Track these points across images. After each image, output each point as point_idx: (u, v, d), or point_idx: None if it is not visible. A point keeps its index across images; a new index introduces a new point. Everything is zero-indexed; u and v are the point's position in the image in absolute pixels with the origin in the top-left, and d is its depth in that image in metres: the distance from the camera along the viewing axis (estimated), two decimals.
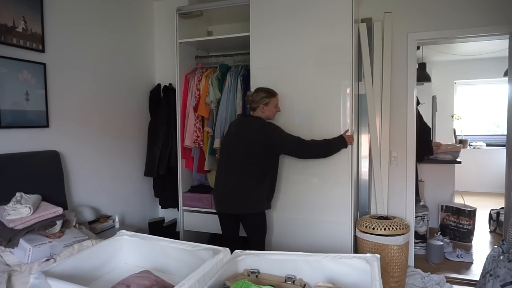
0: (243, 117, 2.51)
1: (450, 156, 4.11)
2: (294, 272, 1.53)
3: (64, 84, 2.65)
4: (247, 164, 2.35)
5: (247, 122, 2.45)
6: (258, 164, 2.35)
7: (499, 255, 2.28)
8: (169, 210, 3.59)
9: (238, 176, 2.35)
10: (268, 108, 2.41)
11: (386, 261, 2.47)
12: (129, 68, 3.33)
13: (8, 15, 2.23)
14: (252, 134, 2.36)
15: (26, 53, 2.35)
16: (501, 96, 6.32)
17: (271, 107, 2.43)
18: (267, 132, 2.35)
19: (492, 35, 2.83)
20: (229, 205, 2.41)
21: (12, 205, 1.93)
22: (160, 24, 3.66)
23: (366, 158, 2.94)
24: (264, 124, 2.38)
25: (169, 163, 3.33)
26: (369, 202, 2.99)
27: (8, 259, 1.82)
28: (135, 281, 1.43)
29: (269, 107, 2.42)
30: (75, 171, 2.75)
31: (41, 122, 2.46)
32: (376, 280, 1.31)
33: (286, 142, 2.35)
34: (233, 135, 2.47)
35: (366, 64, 2.89)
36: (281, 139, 2.35)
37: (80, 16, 2.78)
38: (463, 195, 4.31)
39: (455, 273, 2.99)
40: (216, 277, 1.37)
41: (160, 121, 3.38)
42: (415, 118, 3.01)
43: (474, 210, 3.75)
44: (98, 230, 2.67)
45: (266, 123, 2.40)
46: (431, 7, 2.88)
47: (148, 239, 1.81)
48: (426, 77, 4.93)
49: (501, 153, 5.63)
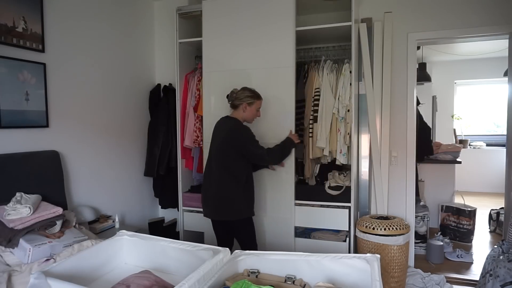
0: (222, 118, 2.49)
1: (450, 156, 4.11)
2: (294, 272, 1.53)
3: (64, 84, 2.65)
4: (220, 166, 2.34)
5: (223, 122, 2.44)
6: (228, 167, 2.32)
7: (499, 255, 2.28)
8: (169, 210, 3.59)
9: (215, 180, 2.35)
10: (250, 108, 2.39)
11: (386, 261, 2.47)
12: (129, 68, 3.33)
13: (8, 15, 2.23)
14: (223, 134, 2.36)
15: (26, 53, 2.35)
16: (501, 96, 6.32)
17: (253, 109, 2.40)
18: (237, 132, 2.33)
19: (492, 35, 2.83)
20: (211, 211, 2.41)
21: (12, 205, 1.93)
22: (160, 24, 3.66)
23: (366, 158, 2.93)
24: (237, 125, 2.36)
25: (169, 163, 3.33)
26: (369, 202, 2.98)
27: (8, 259, 1.82)
28: (135, 281, 1.43)
29: (251, 108, 2.39)
30: (75, 171, 2.75)
31: (41, 122, 2.46)
32: (376, 280, 1.31)
33: (254, 146, 2.33)
34: (213, 136, 2.48)
35: (366, 64, 2.89)
36: (250, 142, 2.33)
37: (80, 16, 2.78)
38: (463, 195, 4.31)
39: (455, 273, 2.99)
40: (216, 277, 1.37)
41: (160, 121, 3.38)
42: (415, 118, 3.01)
43: (474, 210, 3.75)
44: (98, 230, 2.66)
45: (239, 124, 2.37)
46: (431, 7, 2.88)
47: (148, 239, 1.81)
48: (426, 77, 4.93)
49: (501, 153, 5.63)
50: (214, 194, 2.36)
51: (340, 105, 2.65)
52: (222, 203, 2.34)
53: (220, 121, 2.48)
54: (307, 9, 3.02)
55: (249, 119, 2.43)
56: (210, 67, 2.88)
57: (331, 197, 2.67)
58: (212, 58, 2.87)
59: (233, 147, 2.31)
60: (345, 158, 2.68)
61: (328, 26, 2.61)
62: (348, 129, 2.65)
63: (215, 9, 2.84)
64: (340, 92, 2.64)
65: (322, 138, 2.67)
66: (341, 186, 2.66)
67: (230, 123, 2.38)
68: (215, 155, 2.38)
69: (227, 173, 2.32)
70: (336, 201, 2.66)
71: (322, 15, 3.08)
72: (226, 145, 2.33)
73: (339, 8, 2.94)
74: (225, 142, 2.33)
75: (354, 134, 2.65)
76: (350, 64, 2.64)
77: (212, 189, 2.37)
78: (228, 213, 2.34)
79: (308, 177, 2.88)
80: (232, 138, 2.32)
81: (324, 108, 2.68)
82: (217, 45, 2.85)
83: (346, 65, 2.67)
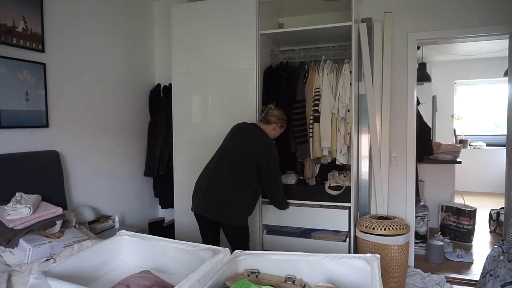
0: (248, 123, 2.49)
1: (450, 156, 4.11)
2: (294, 272, 1.53)
3: (64, 84, 2.65)
4: (233, 168, 2.28)
5: (250, 129, 2.43)
6: (241, 171, 2.28)
7: (499, 255, 2.28)
8: (169, 210, 3.59)
9: (222, 179, 2.27)
10: (279, 131, 2.46)
11: (386, 261, 2.47)
12: (129, 68, 3.33)
13: (8, 15, 2.23)
14: (252, 141, 2.33)
15: (26, 53, 2.35)
16: (501, 96, 6.32)
17: (278, 132, 2.47)
18: (269, 149, 2.33)
19: (492, 35, 2.83)
20: (206, 206, 2.29)
21: (12, 205, 1.93)
22: (160, 24, 3.66)
23: (366, 158, 2.93)
24: (269, 140, 2.38)
25: (169, 163, 3.33)
26: (369, 202, 2.98)
27: (8, 259, 1.82)
28: (135, 281, 1.43)
29: (279, 131, 2.47)
30: (75, 171, 2.75)
31: (41, 122, 2.46)
32: (376, 280, 1.31)
33: (278, 175, 2.38)
34: (231, 138, 2.43)
35: (366, 64, 2.89)
36: (276, 169, 2.34)
37: (80, 16, 2.78)
38: (463, 195, 4.30)
39: (455, 273, 3.00)
40: (216, 277, 1.37)
41: (160, 121, 3.38)
42: (415, 118, 3.01)
43: (474, 210, 3.75)
44: (98, 230, 2.66)
45: (271, 141, 2.40)
46: (431, 7, 2.88)
47: (148, 239, 1.81)
48: (426, 77, 4.93)
49: (501, 153, 5.64)
50: (215, 192, 2.27)
51: (340, 105, 2.65)
52: (222, 204, 2.26)
53: (245, 125, 2.47)
54: (307, 9, 3.03)
55: (271, 137, 2.46)
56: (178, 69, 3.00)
57: (331, 197, 2.67)
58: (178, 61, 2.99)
59: (258, 160, 2.28)
60: (345, 158, 2.68)
61: (328, 26, 2.62)
62: (348, 129, 2.65)
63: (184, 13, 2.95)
64: (340, 92, 2.64)
65: (326, 138, 2.67)
66: (341, 186, 2.66)
67: (262, 134, 2.38)
68: (233, 156, 2.31)
69: (238, 177, 2.27)
70: (336, 201, 2.66)
71: (322, 15, 3.10)
72: (250, 151, 2.30)
73: (339, 8, 2.95)
74: (251, 149, 2.30)
75: (354, 134, 2.64)
76: (350, 64, 2.64)
77: (212, 186, 2.28)
78: (226, 217, 2.26)
79: (308, 177, 2.88)
80: (260, 150, 2.30)
81: (324, 108, 2.68)
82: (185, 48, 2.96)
83: (346, 65, 2.67)
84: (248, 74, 2.78)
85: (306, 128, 2.73)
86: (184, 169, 2.98)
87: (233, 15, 2.80)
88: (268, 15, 2.98)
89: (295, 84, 2.77)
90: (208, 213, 2.29)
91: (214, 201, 2.28)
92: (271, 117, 2.41)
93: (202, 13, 2.88)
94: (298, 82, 2.77)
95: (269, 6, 2.89)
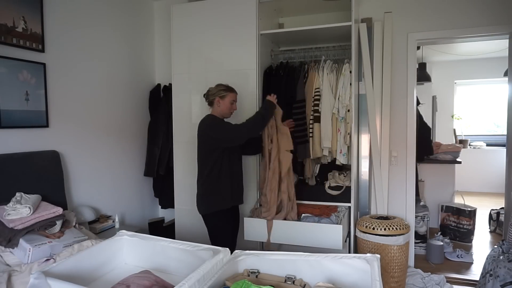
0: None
1: (450, 156, 4.11)
2: (294, 272, 1.53)
3: (64, 84, 2.65)
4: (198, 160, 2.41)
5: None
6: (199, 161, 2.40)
7: (499, 255, 2.28)
8: (169, 210, 3.59)
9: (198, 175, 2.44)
10: (223, 102, 2.37)
11: (386, 261, 2.47)
12: (129, 68, 3.33)
13: (8, 15, 2.23)
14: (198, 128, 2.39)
15: (26, 53, 2.35)
16: (501, 96, 6.31)
17: (227, 102, 2.38)
18: (202, 123, 2.36)
19: (492, 35, 2.83)
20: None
21: (12, 205, 1.93)
22: (160, 24, 3.66)
23: (366, 158, 2.93)
24: (204, 118, 2.38)
25: (169, 163, 3.33)
26: (369, 202, 2.98)
27: (8, 259, 1.82)
28: (135, 281, 1.43)
29: (225, 101, 2.38)
30: (75, 171, 2.75)
31: (41, 122, 2.46)
32: (376, 280, 1.31)
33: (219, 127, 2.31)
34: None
35: (366, 64, 2.89)
36: (214, 126, 2.32)
37: (80, 16, 2.78)
38: (463, 195, 4.30)
39: (455, 273, 3.00)
40: (216, 277, 1.37)
41: (160, 121, 3.38)
42: (415, 118, 3.01)
43: (474, 210, 3.75)
44: (98, 230, 2.67)
45: (206, 117, 2.39)
46: (431, 7, 2.88)
47: (148, 239, 1.81)
48: (426, 77, 4.92)
49: (501, 153, 5.63)
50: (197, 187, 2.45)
51: (340, 105, 2.65)
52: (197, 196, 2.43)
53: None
54: (307, 9, 3.03)
55: (225, 112, 2.41)
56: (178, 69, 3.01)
57: (331, 197, 2.67)
58: (178, 61, 3.00)
59: (201, 138, 2.36)
60: (345, 158, 2.68)
61: (328, 26, 2.62)
62: (348, 129, 2.65)
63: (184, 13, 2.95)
64: (340, 92, 2.64)
65: (326, 137, 2.67)
66: (341, 186, 2.66)
67: (204, 118, 2.40)
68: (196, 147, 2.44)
69: (198, 167, 2.41)
70: (336, 201, 2.66)
71: (322, 15, 3.10)
72: (198, 137, 2.38)
73: (339, 8, 2.95)
74: (198, 134, 2.38)
75: (354, 134, 2.64)
76: (350, 64, 2.64)
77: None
78: (198, 206, 2.42)
79: (308, 177, 2.88)
80: (198, 131, 2.37)
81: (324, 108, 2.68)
82: (185, 48, 2.97)
83: (346, 65, 2.67)
84: (248, 74, 2.78)
85: (306, 128, 2.73)
86: (184, 169, 2.98)
87: (233, 15, 2.80)
88: (268, 15, 2.99)
89: (295, 84, 2.77)
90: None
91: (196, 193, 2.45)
92: (209, 97, 2.42)
93: (202, 13, 2.89)
94: (298, 82, 2.77)
95: (269, 6, 2.89)
